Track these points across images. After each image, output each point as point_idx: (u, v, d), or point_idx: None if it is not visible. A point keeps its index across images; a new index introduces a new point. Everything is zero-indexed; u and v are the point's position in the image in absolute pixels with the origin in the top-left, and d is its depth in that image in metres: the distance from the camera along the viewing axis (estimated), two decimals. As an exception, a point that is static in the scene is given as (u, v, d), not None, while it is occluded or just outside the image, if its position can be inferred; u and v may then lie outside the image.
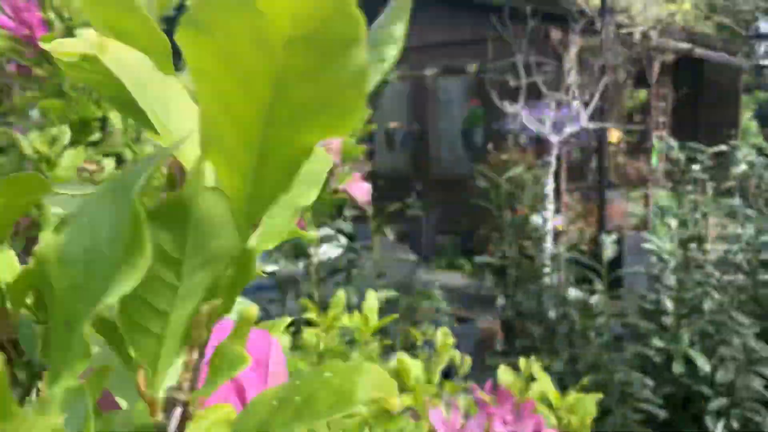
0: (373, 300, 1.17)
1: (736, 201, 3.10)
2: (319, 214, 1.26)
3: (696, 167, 3.07)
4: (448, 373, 1.07)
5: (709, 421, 2.68)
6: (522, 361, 1.02)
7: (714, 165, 3.22)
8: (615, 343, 2.79)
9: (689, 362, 3.13)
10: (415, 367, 1.05)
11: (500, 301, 3.86)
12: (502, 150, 7.68)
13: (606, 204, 6.36)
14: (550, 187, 4.63)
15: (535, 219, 4.76)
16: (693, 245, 3.18)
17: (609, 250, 2.85)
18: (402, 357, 1.03)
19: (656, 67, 8.05)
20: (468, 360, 1.46)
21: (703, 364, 2.82)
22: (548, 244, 4.67)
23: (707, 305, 3.09)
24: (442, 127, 9.62)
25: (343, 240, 3.09)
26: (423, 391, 1.00)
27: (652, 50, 7.54)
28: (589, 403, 1.03)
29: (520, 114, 5.08)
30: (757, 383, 2.97)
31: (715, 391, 2.96)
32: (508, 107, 5.12)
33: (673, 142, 3.34)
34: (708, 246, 3.12)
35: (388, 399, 0.20)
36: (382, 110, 10.03)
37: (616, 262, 3.63)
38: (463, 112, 9.00)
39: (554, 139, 4.44)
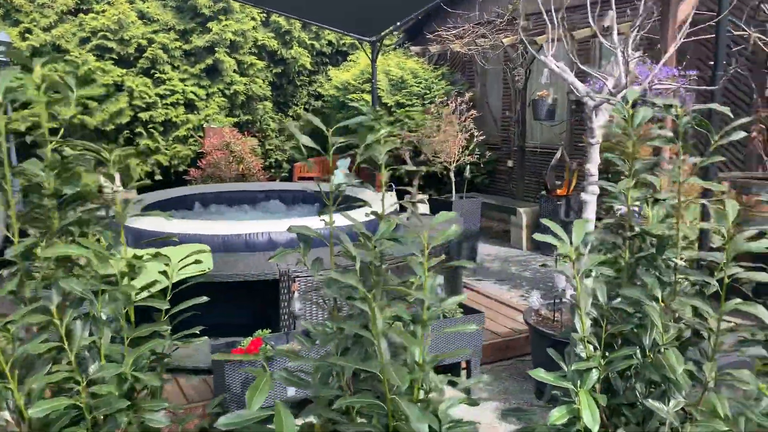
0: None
1: None
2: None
3: None
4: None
5: None
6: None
7: None
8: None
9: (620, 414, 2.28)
10: None
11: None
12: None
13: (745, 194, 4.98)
14: (594, 164, 3.68)
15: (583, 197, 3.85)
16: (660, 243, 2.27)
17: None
18: None
19: None
20: None
21: (590, 421, 1.97)
22: (590, 231, 3.75)
23: (650, 337, 2.18)
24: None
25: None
26: None
27: None
28: None
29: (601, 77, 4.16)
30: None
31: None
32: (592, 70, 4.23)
33: None
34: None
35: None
36: (548, 78, 9.04)
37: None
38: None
39: (590, 102, 3.49)
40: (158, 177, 10.45)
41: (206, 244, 4.10)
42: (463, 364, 4.11)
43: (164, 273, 2.20)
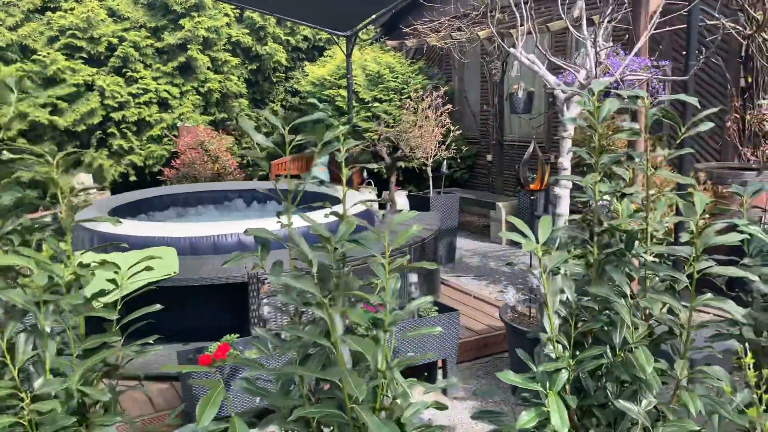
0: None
1: None
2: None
3: None
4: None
5: None
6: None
7: None
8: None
9: (594, 415, 2.22)
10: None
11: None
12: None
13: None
14: (566, 158, 3.62)
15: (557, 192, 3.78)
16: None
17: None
18: None
19: None
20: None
21: (558, 425, 1.91)
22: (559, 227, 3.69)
23: (620, 336, 2.12)
24: (583, 89, 8.38)
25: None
26: None
27: None
28: None
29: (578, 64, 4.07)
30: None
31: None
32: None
33: None
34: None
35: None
36: (518, 71, 8.99)
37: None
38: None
39: (561, 95, 3.43)
40: (133, 178, 10.27)
41: (173, 247, 3.99)
42: (440, 363, 4.05)
43: (113, 281, 2.09)
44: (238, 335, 3.45)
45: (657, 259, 2.16)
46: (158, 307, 2.16)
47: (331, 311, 1.78)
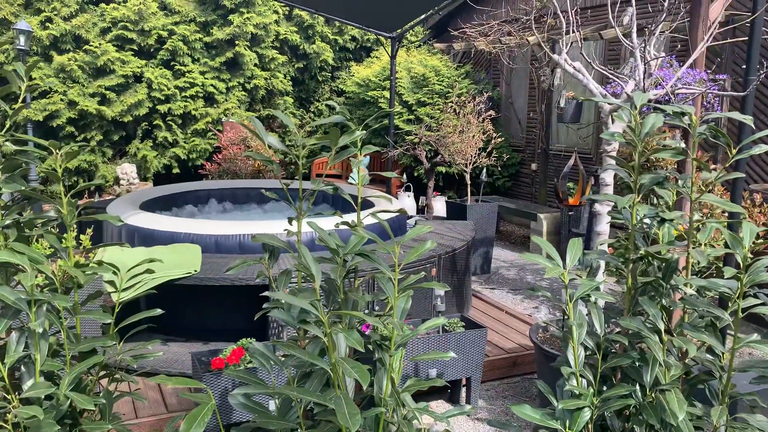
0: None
1: None
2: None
3: None
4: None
5: None
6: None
7: None
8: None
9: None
10: None
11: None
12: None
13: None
14: (609, 173, 3.41)
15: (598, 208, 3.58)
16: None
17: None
18: None
19: None
20: None
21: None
22: (600, 247, 3.49)
23: (651, 374, 1.93)
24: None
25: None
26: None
27: None
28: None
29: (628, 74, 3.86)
30: None
31: None
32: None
33: None
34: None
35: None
36: (561, 79, 8.70)
37: None
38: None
39: (606, 106, 3.22)
40: (176, 170, 10.37)
41: (198, 245, 3.93)
42: (464, 381, 3.87)
43: (112, 282, 2.01)
44: (255, 339, 3.36)
45: (697, 293, 1.96)
46: (159, 311, 2.07)
47: (331, 331, 1.65)
